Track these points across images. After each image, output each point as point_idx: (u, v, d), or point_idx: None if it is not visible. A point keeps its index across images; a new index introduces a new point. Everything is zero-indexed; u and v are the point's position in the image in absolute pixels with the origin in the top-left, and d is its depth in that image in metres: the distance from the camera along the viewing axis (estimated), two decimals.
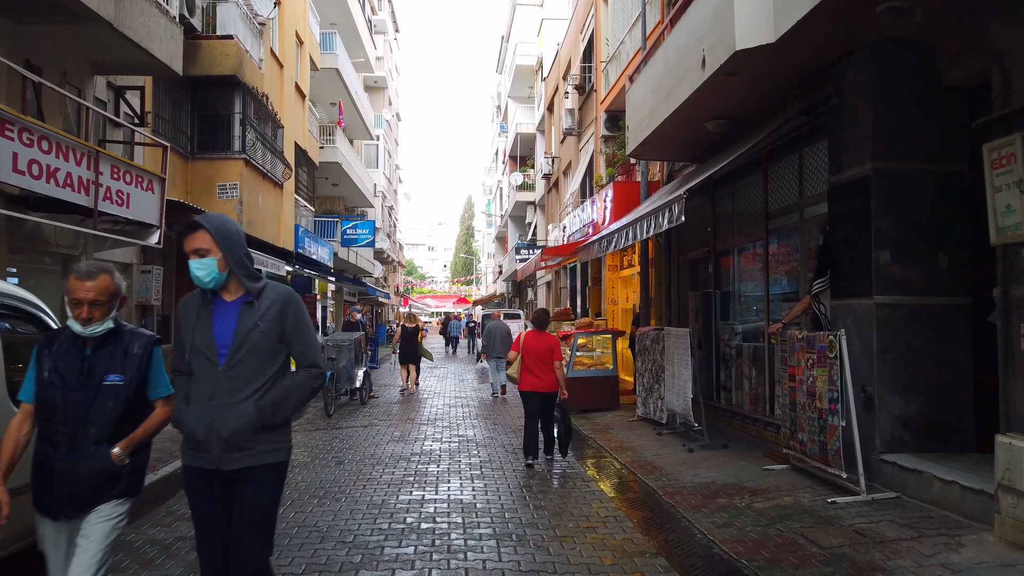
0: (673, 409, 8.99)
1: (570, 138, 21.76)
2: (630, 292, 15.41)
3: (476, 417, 11.56)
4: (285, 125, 17.16)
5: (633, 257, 14.64)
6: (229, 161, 13.99)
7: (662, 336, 9.53)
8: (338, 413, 11.99)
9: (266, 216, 15.69)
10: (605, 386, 11.68)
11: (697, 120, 8.86)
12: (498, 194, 47.97)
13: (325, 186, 27.47)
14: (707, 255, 10.64)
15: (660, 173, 12.60)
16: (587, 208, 14.74)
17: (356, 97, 27.80)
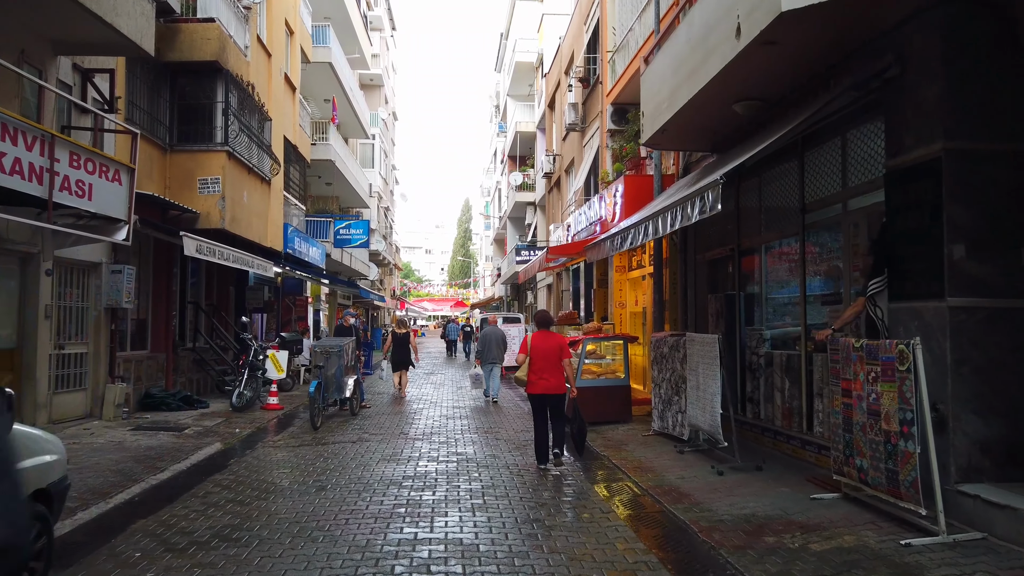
0: (697, 425, 8.04)
1: (573, 134, 20.84)
2: (640, 295, 14.48)
3: (475, 431, 10.60)
4: (273, 118, 16.22)
5: (643, 257, 13.72)
6: (211, 153, 13.04)
7: (683, 343, 8.59)
8: (326, 426, 11.03)
9: (252, 213, 14.74)
10: (616, 397, 10.74)
11: (724, 102, 7.94)
12: (496, 195, 47.05)
13: (318, 185, 26.54)
14: (729, 254, 9.71)
15: (675, 166, 11.68)
16: (594, 205, 13.83)
17: (351, 93, 26.86)
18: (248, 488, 6.91)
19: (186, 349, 14.19)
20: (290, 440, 9.85)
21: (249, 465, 8.05)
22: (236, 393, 12.41)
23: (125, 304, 10.98)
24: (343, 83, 25.02)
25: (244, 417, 11.72)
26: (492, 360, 14.35)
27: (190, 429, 10.37)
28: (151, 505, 6.29)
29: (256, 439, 9.95)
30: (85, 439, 9.28)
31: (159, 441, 9.32)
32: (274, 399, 12.88)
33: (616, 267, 14.94)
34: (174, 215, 12.78)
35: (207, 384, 14.77)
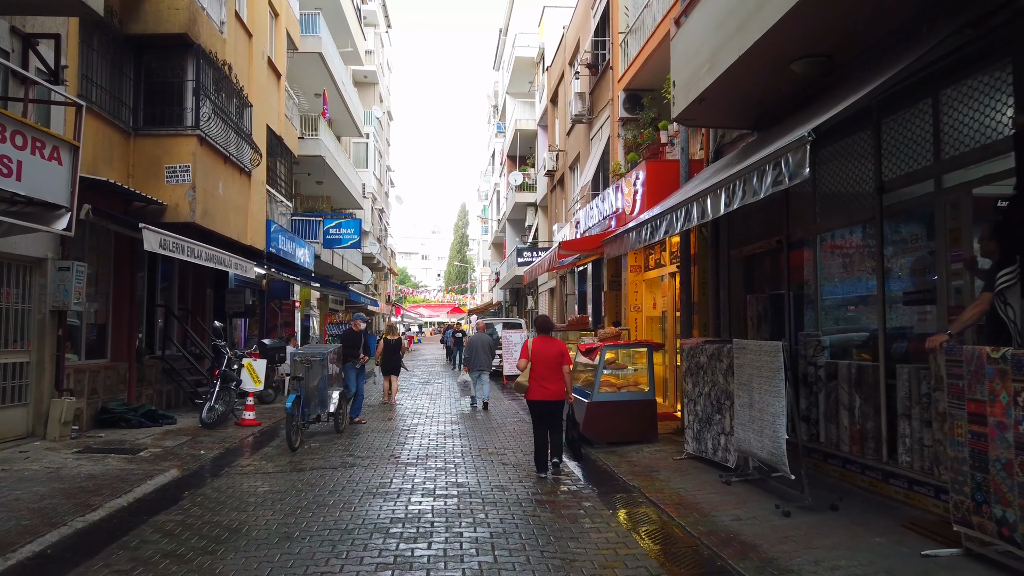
0: (749, 451, 6.64)
1: (579, 127, 19.50)
2: (658, 297, 13.10)
3: (477, 452, 9.18)
4: (255, 104, 14.83)
5: (663, 256, 12.34)
6: (180, 138, 11.64)
7: (727, 352, 7.20)
8: (306, 446, 9.61)
9: (228, 207, 13.33)
10: (640, 413, 9.34)
11: (781, 60, 6.58)
12: (495, 198, 45.69)
13: (308, 184, 25.13)
14: (774, 247, 8.33)
15: (703, 151, 10.32)
16: (608, 197, 12.46)
17: (343, 88, 25.50)
18: (196, 535, 5.48)
19: (154, 358, 12.76)
20: (262, 465, 8.42)
21: (206, 501, 6.62)
22: (206, 408, 10.98)
23: (74, 306, 9.55)
24: (334, 76, 23.66)
25: (213, 435, 10.29)
26: (480, 367, 14.09)
27: (147, 451, 8.94)
28: (61, 563, 4.86)
29: (222, 463, 8.52)
30: (17, 465, 7.84)
31: (105, 467, 7.88)
32: (250, 414, 11.44)
33: (631, 267, 13.56)
34: (138, 207, 11.37)
35: (179, 397, 13.33)
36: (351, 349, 11.97)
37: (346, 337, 12.42)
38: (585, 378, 10.40)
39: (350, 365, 11.91)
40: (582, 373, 10.67)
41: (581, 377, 10.60)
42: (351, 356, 11.92)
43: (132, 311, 11.71)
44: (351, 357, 11.90)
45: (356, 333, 12.31)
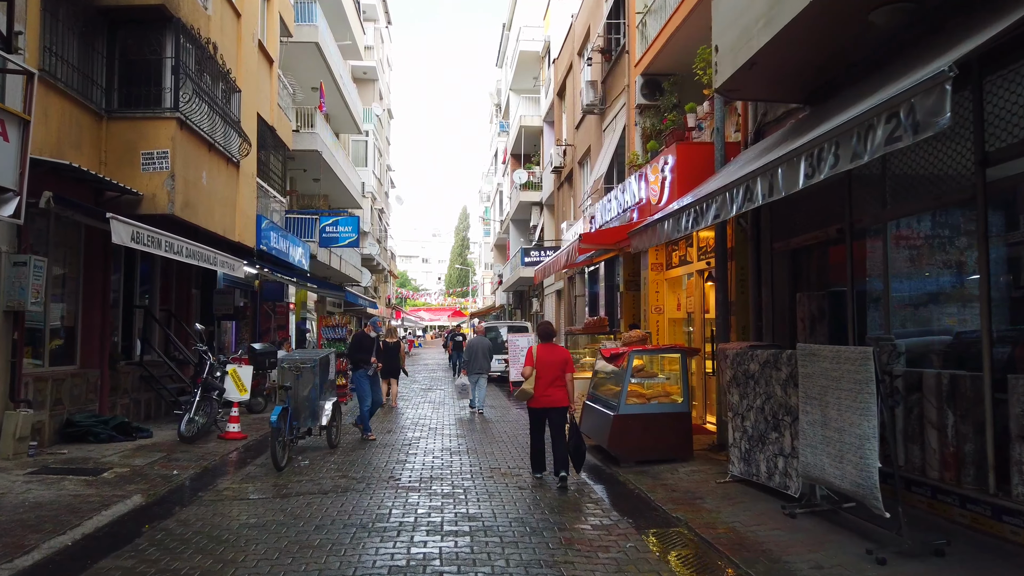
0: (823, 479, 5.52)
1: (590, 118, 18.41)
2: (682, 297, 12.00)
3: (489, 473, 8.07)
4: (244, 89, 13.75)
5: (689, 252, 11.24)
6: (157, 121, 10.55)
7: (788, 359, 6.09)
8: (294, 465, 8.50)
9: (213, 200, 12.24)
10: (673, 427, 8.22)
11: (858, 8, 5.49)
12: (497, 199, 44.61)
13: (305, 181, 24.09)
14: (832, 237, 7.23)
15: (740, 132, 9.22)
16: (630, 187, 11.35)
17: (341, 81, 24.45)
18: None
19: (131, 364, 11.64)
20: (242, 488, 7.30)
21: (168, 539, 5.50)
22: (185, 419, 9.87)
23: (32, 306, 8.45)
24: (332, 69, 22.63)
25: (192, 451, 9.18)
26: (479, 370, 13.94)
27: (112, 471, 7.82)
28: None
29: (197, 486, 7.41)
30: None
31: (58, 493, 6.77)
32: (235, 426, 10.33)
33: (651, 265, 12.45)
34: (111, 197, 10.29)
35: (159, 407, 12.21)
36: (363, 355, 10.89)
37: (358, 342, 11.26)
38: (608, 388, 9.29)
39: (362, 372, 10.80)
40: (605, 382, 9.56)
41: (603, 386, 9.49)
42: (363, 362, 10.83)
43: (105, 312, 10.60)
44: (363, 363, 10.82)
45: (369, 338, 11.17)
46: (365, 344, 11.08)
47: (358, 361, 10.89)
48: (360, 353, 10.94)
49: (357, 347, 11.12)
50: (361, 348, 11.03)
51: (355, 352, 11.06)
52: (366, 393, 10.79)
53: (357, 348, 11.09)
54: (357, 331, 12.56)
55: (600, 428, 8.81)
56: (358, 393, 10.89)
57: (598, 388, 9.68)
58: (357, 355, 10.95)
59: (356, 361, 10.92)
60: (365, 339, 11.22)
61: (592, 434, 9.33)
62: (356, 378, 10.90)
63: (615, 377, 9.05)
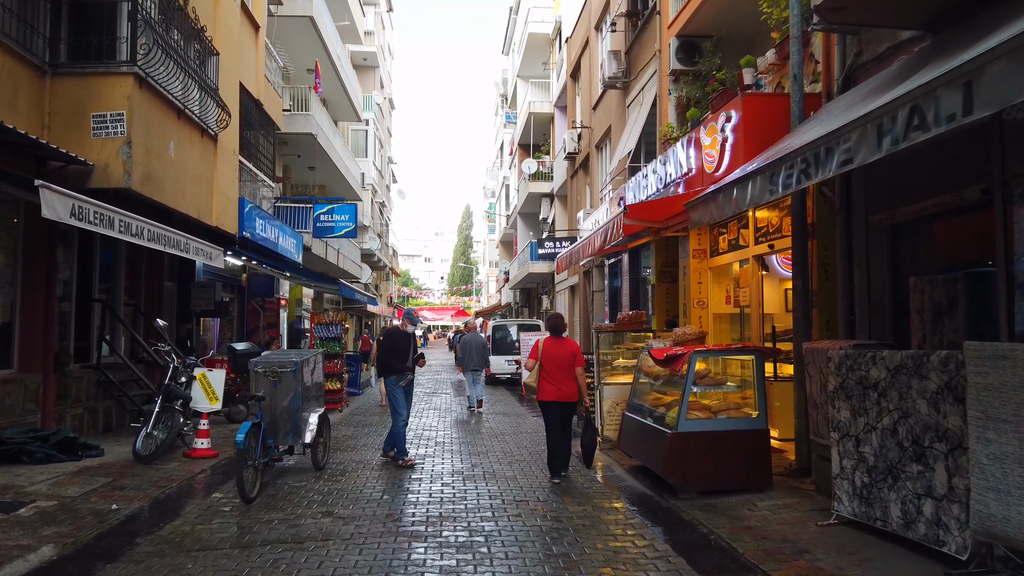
0: (1007, 535, 3.78)
1: (612, 94, 16.68)
2: (730, 288, 10.27)
3: (516, 511, 6.34)
4: (223, 53, 12.01)
5: (743, 234, 9.51)
6: (111, 77, 8.84)
7: (942, 363, 4.35)
8: (268, 495, 6.78)
9: (184, 176, 10.53)
10: (747, 449, 6.48)
11: None
12: (503, 193, 42.87)
13: (299, 169, 22.38)
14: (965, 203, 5.49)
15: (822, 82, 7.47)
16: (674, 156, 9.59)
17: (338, 63, 22.74)
18: None
19: (87, 367, 9.93)
20: (193, 533, 5.58)
21: None
22: (141, 435, 8.16)
23: None
24: (328, 48, 20.90)
25: (145, 475, 7.46)
26: (474, 367, 13.92)
27: (33, 506, 6.12)
28: None
29: (135, 529, 5.69)
30: None
31: None
32: (204, 441, 8.61)
33: (693, 252, 10.72)
34: (56, 167, 8.57)
35: (123, 417, 10.50)
36: (397, 359, 8.60)
37: (390, 342, 8.87)
38: (655, 397, 7.56)
39: (394, 380, 8.61)
40: (649, 389, 7.83)
41: (648, 395, 7.76)
42: (397, 368, 8.59)
43: (49, 306, 8.88)
44: (396, 370, 8.60)
45: (404, 336, 8.91)
46: (399, 344, 8.75)
47: (390, 366, 8.65)
48: (393, 357, 8.63)
49: (390, 348, 8.76)
50: (394, 350, 8.69)
51: (387, 355, 8.71)
52: (401, 407, 8.59)
53: (390, 350, 8.73)
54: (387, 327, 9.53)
55: (649, 447, 7.08)
56: (390, 407, 8.70)
57: (641, 396, 7.95)
58: (389, 358, 8.65)
59: (387, 366, 8.68)
60: (399, 337, 8.90)
61: (636, 453, 7.60)
62: (387, 388, 8.75)
63: (667, 384, 7.32)
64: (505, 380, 20.34)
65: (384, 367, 8.73)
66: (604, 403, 9.42)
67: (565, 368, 7.31)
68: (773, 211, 8.55)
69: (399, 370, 8.57)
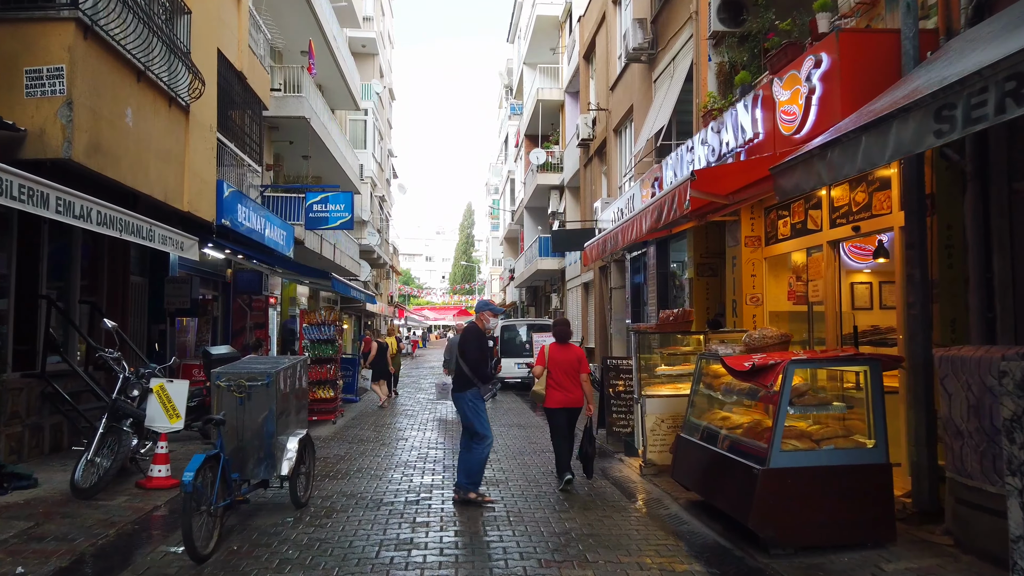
0: None
1: (635, 69, 15.09)
2: (791, 280, 8.67)
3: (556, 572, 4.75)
4: (195, 12, 10.41)
5: (813, 215, 7.91)
6: (47, 24, 7.26)
7: None
8: (230, 548, 5.20)
9: (147, 150, 8.94)
10: (861, 489, 4.88)
11: None
12: (507, 188, 41.27)
13: (293, 158, 20.78)
14: None
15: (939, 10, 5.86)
16: (731, 121, 7.96)
17: (334, 44, 21.19)
18: None
19: (28, 376, 8.33)
20: None
21: None
22: (81, 463, 6.61)
23: None
24: (323, 27, 19.34)
25: (80, 517, 5.89)
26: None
27: None
28: None
29: None
30: None
31: None
32: (162, 468, 7.03)
33: (746, 239, 9.13)
34: None
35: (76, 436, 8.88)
36: (480, 366, 6.64)
37: (477, 344, 6.73)
38: (724, 417, 5.97)
39: (475, 394, 6.67)
40: (713, 405, 6.25)
41: (713, 413, 6.17)
42: (480, 374, 6.64)
43: None
44: (482, 378, 6.65)
45: (483, 336, 6.95)
46: (480, 346, 6.76)
47: (475, 375, 6.63)
48: (475, 363, 6.63)
49: (476, 353, 6.66)
50: (478, 354, 6.68)
51: (473, 362, 6.64)
52: (486, 426, 6.68)
53: (476, 358, 6.64)
54: (466, 325, 7.49)
55: (722, 484, 5.50)
56: (470, 429, 6.66)
57: (703, 414, 6.37)
58: (475, 365, 6.64)
59: (472, 374, 6.63)
60: (478, 337, 6.84)
61: (699, 487, 6.03)
62: (467, 405, 6.68)
63: (743, 400, 5.72)
64: (515, 385, 18.75)
65: (462, 380, 6.73)
66: (646, 420, 7.83)
67: (572, 374, 7.25)
68: (857, 186, 6.96)
69: (485, 378, 6.70)
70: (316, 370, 12.46)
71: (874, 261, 7.48)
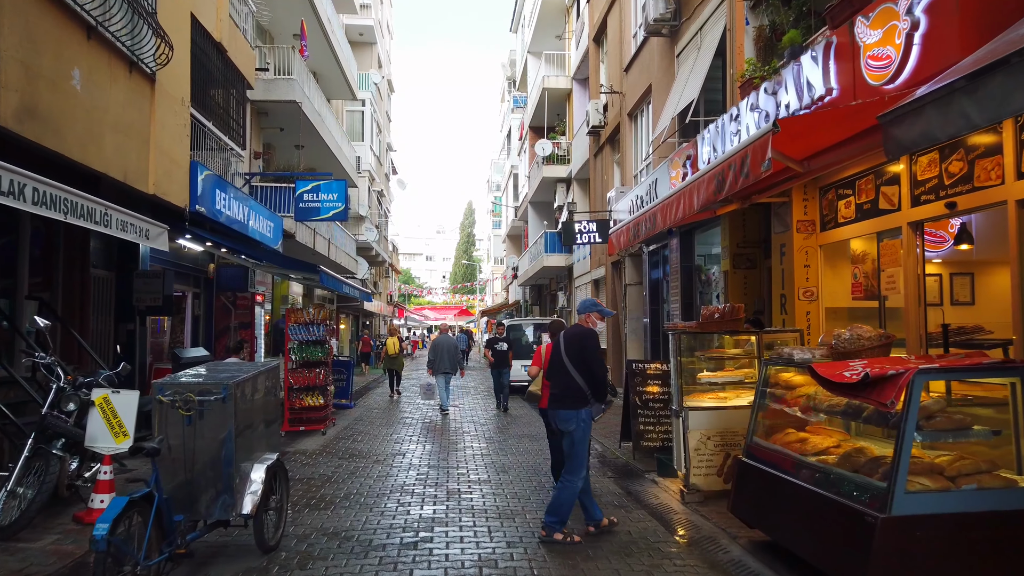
0: None
1: (654, 45, 13.82)
2: (856, 271, 7.38)
3: None
4: None
5: (885, 192, 6.63)
6: None
7: None
8: None
9: (100, 121, 7.67)
10: (1017, 543, 3.59)
11: None
12: (511, 183, 39.96)
13: (285, 147, 19.50)
14: None
15: None
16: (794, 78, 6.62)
17: (329, 27, 19.94)
18: None
19: None
20: None
21: None
22: (2, 495, 5.32)
23: None
24: (316, 7, 18.10)
25: None
26: (444, 370, 13.72)
27: None
28: None
29: None
30: None
31: None
32: (104, 499, 5.73)
33: (798, 224, 7.84)
34: None
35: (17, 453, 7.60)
36: (603, 376, 5.51)
37: (589, 344, 5.54)
38: (806, 440, 4.68)
39: (587, 416, 5.50)
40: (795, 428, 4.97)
41: (791, 436, 4.88)
42: (604, 390, 5.53)
43: None
44: (602, 393, 5.54)
45: (596, 337, 5.77)
46: (587, 343, 5.53)
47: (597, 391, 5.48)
48: (602, 375, 5.48)
49: (599, 366, 5.50)
50: (602, 366, 5.53)
51: (602, 376, 5.48)
52: (584, 462, 5.55)
53: (601, 370, 5.48)
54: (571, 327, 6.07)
55: (811, 528, 4.21)
56: (573, 459, 5.51)
57: (773, 434, 5.09)
58: (603, 379, 5.47)
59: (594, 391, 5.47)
60: (594, 340, 5.64)
61: (772, 528, 4.75)
62: (579, 429, 5.47)
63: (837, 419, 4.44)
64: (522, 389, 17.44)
65: (573, 393, 5.45)
66: (689, 436, 6.56)
67: None
68: (952, 154, 5.68)
69: (604, 395, 5.53)
70: (304, 375, 11.20)
71: (952, 248, 6.23)
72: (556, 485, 5.72)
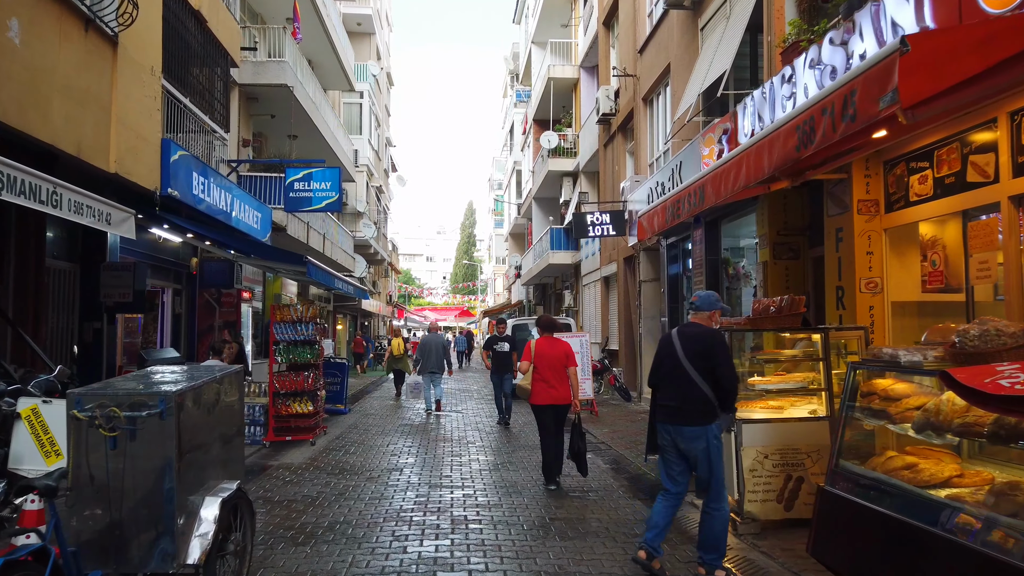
0: None
1: (673, 21, 12.74)
2: (935, 258, 6.28)
3: None
4: None
5: (976, 163, 5.53)
6: None
7: None
8: None
9: (49, 84, 6.59)
10: None
11: None
12: (513, 180, 38.85)
13: (277, 137, 18.46)
14: None
15: None
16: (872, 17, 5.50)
17: (324, 12, 18.86)
18: None
19: None
20: None
21: None
22: None
23: None
24: None
25: None
26: (432, 369, 13.54)
27: None
28: None
29: None
30: None
31: None
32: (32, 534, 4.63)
33: (859, 204, 6.74)
34: None
35: None
36: (734, 383, 4.57)
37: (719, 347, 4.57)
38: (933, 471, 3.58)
39: (716, 429, 4.58)
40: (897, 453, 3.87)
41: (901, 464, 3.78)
42: (733, 398, 4.65)
43: None
44: (732, 402, 4.66)
45: (718, 336, 4.74)
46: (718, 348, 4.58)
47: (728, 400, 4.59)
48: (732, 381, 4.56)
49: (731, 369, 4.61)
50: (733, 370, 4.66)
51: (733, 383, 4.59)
52: (722, 484, 4.69)
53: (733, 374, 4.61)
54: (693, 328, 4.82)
55: None
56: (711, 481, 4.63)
57: (871, 460, 4.00)
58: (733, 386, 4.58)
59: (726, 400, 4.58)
60: (723, 342, 4.74)
61: None
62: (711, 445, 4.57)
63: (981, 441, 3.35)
64: None
65: (701, 404, 4.50)
66: (743, 454, 5.45)
67: (558, 369, 7.08)
68: None
69: (729, 406, 4.63)
70: (291, 379, 10.10)
71: None
72: (701, 517, 4.65)
